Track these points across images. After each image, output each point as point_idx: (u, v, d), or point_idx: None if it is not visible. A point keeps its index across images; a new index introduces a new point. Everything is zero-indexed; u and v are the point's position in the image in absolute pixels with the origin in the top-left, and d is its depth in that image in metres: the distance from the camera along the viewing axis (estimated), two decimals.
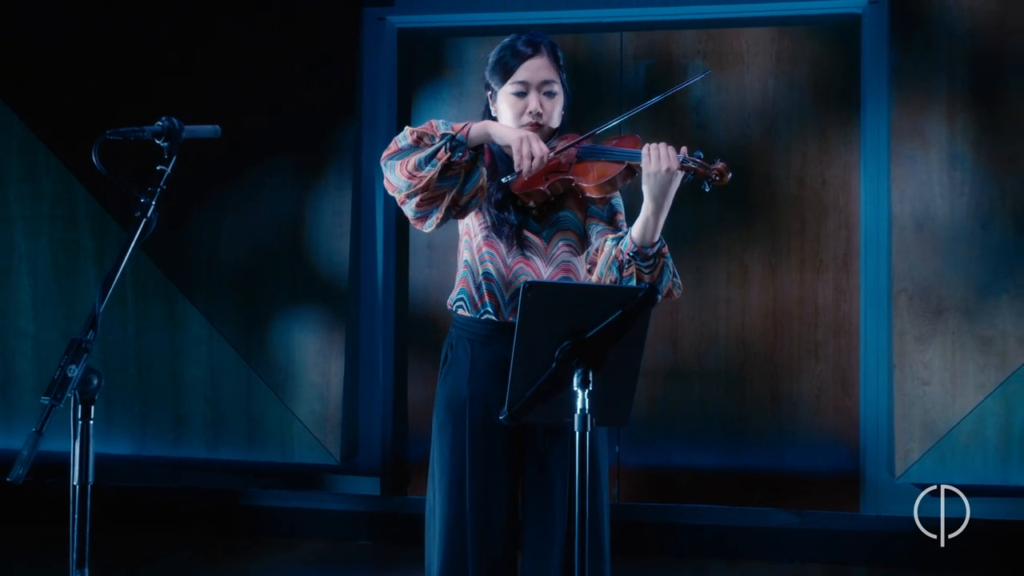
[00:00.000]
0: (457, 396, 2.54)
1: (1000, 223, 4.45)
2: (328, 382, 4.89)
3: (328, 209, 4.93)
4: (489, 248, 2.55)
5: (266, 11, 5.00)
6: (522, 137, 2.43)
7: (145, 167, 1.88)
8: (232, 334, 4.96)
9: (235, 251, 4.98)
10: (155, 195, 1.81)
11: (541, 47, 2.56)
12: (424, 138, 2.45)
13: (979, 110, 4.50)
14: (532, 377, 1.83)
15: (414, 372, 5.04)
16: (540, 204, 2.53)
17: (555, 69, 2.57)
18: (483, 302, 2.54)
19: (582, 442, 1.78)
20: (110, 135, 1.85)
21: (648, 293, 1.78)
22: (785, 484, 4.78)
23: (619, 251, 2.36)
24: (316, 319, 4.91)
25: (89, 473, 1.70)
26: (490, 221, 2.55)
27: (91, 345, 1.68)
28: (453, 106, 5.02)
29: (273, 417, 4.94)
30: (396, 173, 2.48)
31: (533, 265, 2.53)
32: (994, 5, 4.50)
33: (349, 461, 4.94)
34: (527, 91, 2.53)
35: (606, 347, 1.77)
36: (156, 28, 5.04)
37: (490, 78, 2.60)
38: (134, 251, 1.81)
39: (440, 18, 5.04)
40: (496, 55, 2.60)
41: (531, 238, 2.54)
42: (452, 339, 2.61)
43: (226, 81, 4.92)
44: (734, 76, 4.85)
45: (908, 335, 4.49)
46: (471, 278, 2.57)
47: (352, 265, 4.92)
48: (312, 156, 4.94)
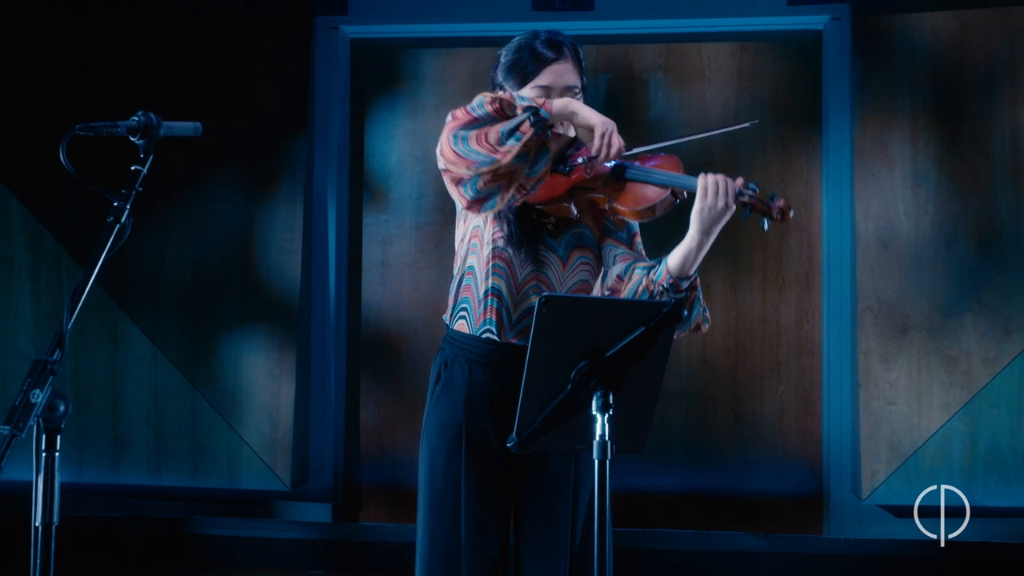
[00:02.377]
0: (452, 420, 2.36)
1: (963, 241, 4.43)
2: (278, 404, 4.69)
3: (279, 224, 4.74)
4: (501, 261, 2.34)
5: (215, 19, 4.81)
6: (606, 121, 2.24)
7: (113, 166, 1.70)
8: (177, 355, 4.73)
9: (181, 267, 4.76)
10: (130, 198, 1.63)
11: (564, 49, 2.38)
12: (506, 108, 2.21)
13: (941, 128, 4.48)
14: (545, 400, 1.68)
15: (367, 394, 4.87)
16: (559, 220, 2.35)
17: (578, 73, 2.40)
18: (485, 318, 2.34)
19: (601, 472, 1.64)
20: (80, 130, 1.67)
21: (673, 309, 1.65)
22: (748, 506, 4.69)
23: (650, 281, 2.19)
24: (266, 339, 4.71)
25: (54, 512, 1.52)
26: (507, 231, 2.34)
27: (58, 367, 1.51)
28: (408, 119, 4.88)
29: (220, 441, 4.72)
30: (472, 145, 2.20)
31: (547, 283, 2.35)
32: (954, 23, 4.49)
33: (300, 487, 4.74)
34: (549, 95, 2.33)
35: (627, 367, 1.63)
36: (100, 37, 4.82)
37: (503, 79, 2.40)
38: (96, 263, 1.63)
39: (395, 28, 4.90)
40: (512, 55, 2.40)
41: (547, 255, 2.36)
42: (447, 356, 2.42)
43: (173, 90, 4.71)
44: (695, 92, 4.78)
45: (873, 354, 4.44)
46: (476, 288, 2.37)
47: (304, 283, 4.74)
48: (262, 169, 4.76)
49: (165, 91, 4.70)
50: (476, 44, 4.84)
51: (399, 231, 4.86)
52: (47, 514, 1.51)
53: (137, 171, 1.65)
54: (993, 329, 4.37)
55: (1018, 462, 4.34)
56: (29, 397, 1.49)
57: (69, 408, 1.52)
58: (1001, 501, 4.36)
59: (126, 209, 1.62)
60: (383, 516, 4.84)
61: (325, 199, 4.81)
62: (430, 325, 4.79)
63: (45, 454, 1.53)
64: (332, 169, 4.83)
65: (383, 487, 4.85)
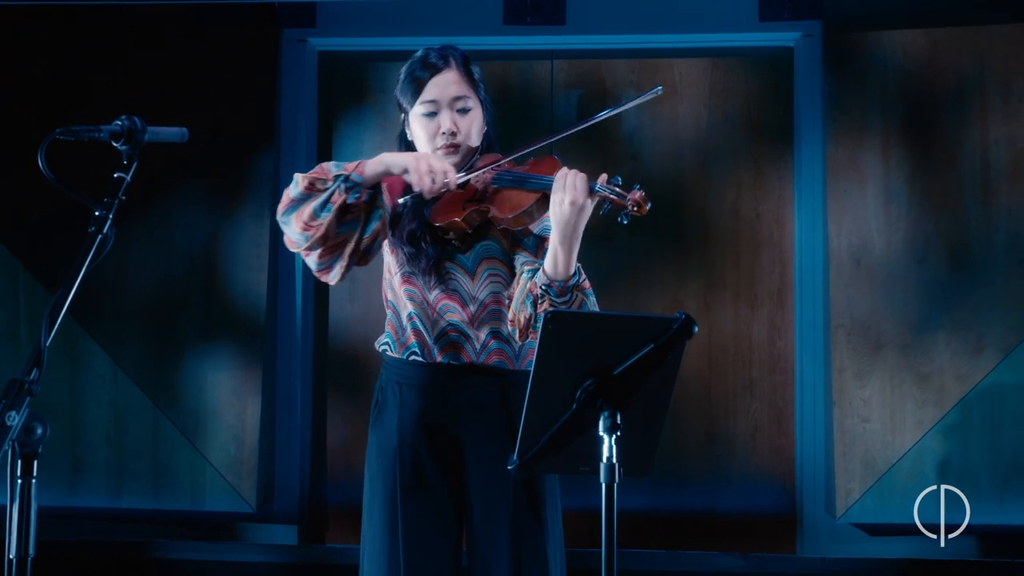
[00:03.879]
0: (387, 444, 2.35)
1: (935, 258, 4.43)
2: (243, 424, 4.57)
3: (245, 239, 4.63)
4: (409, 285, 2.36)
5: (181, 30, 4.71)
6: (418, 156, 2.24)
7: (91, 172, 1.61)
8: (139, 373, 4.60)
9: (143, 283, 4.63)
10: (112, 207, 1.54)
11: (450, 59, 2.36)
12: (316, 183, 2.22)
13: (913, 145, 4.48)
14: (548, 421, 1.61)
15: (334, 412, 4.77)
16: (459, 235, 2.33)
17: (468, 83, 2.36)
18: (408, 343, 2.36)
19: (609, 497, 1.58)
20: (60, 135, 1.58)
21: (684, 324, 1.59)
22: (721, 526, 4.65)
23: (534, 284, 2.17)
24: (231, 356, 4.60)
25: (30, 543, 1.42)
26: (404, 257, 2.35)
27: (36, 387, 1.41)
28: (377, 132, 4.80)
29: (183, 462, 4.59)
30: (292, 227, 2.24)
31: (458, 299, 2.34)
32: (925, 41, 4.51)
33: (265, 508, 4.62)
34: (438, 110, 2.32)
35: (635, 386, 1.57)
36: (63, 49, 4.69)
37: (401, 98, 2.40)
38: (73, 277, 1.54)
39: (363, 41, 4.83)
40: (403, 73, 2.39)
41: (453, 270, 2.35)
42: (382, 381, 2.43)
43: (137, 102, 4.59)
44: (667, 107, 4.75)
45: (847, 371, 4.42)
46: (395, 319, 2.40)
47: (270, 299, 4.63)
48: (228, 183, 4.65)
49: (129, 103, 4.56)
50: None
51: None
52: (22, 546, 1.41)
53: (120, 178, 1.56)
54: (965, 346, 4.37)
55: (991, 479, 4.33)
56: (4, 419, 1.39)
57: (47, 431, 1.43)
58: (974, 519, 4.35)
59: (108, 219, 1.53)
60: (350, 538, 4.73)
61: None
62: None
63: (21, 481, 1.42)
64: None
65: (350, 508, 4.74)
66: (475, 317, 2.34)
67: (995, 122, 4.44)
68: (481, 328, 2.34)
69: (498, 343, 2.33)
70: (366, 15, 4.76)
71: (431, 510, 2.30)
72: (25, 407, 1.42)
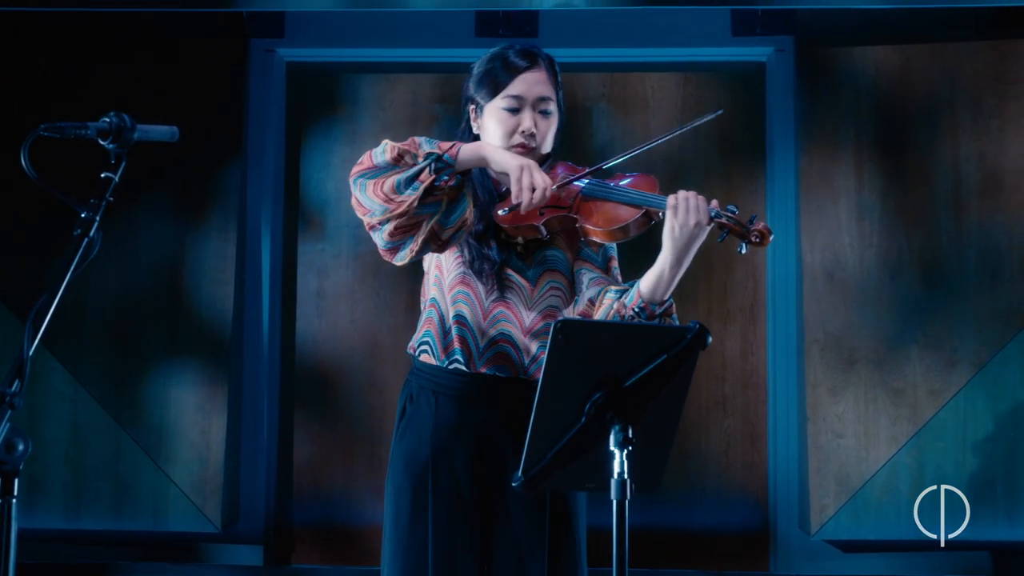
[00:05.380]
0: (418, 456, 2.22)
1: (908, 274, 4.43)
2: (208, 441, 4.46)
3: (210, 253, 4.53)
4: (464, 287, 2.23)
5: (148, 39, 4.61)
6: (523, 165, 2.14)
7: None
8: (100, 390, 4.46)
9: (105, 297, 4.50)
10: (99, 209, 1.45)
11: (538, 59, 2.30)
12: (406, 156, 2.14)
13: (885, 160, 4.49)
14: (555, 435, 1.55)
15: (301, 429, 4.66)
16: (528, 241, 2.24)
17: (553, 85, 2.30)
18: (452, 349, 2.23)
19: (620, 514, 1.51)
20: (45, 131, 1.49)
21: (698, 335, 1.53)
22: (694, 543, 4.60)
23: (622, 305, 2.10)
24: (196, 372, 4.48)
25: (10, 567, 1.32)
26: (468, 256, 2.24)
27: (18, 399, 1.33)
28: (346, 145, 4.72)
29: (145, 481, 4.46)
30: (368, 194, 2.15)
31: (514, 309, 2.23)
32: (896, 58, 4.52)
33: (230, 528, 4.51)
34: (521, 108, 2.24)
35: (646, 399, 1.51)
36: (26, 58, 4.57)
37: (475, 91, 2.30)
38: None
39: (333, 52, 4.76)
40: (483, 66, 2.32)
41: (514, 278, 2.24)
42: (412, 389, 2.28)
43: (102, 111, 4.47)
44: (639, 121, 4.72)
45: (821, 387, 4.40)
46: (439, 320, 2.26)
47: (236, 314, 4.53)
48: (194, 195, 4.55)
49: (94, 112, 4.45)
50: (417, 70, 4.73)
51: (335, 261, 4.68)
52: (2, 569, 1.32)
53: (108, 179, 1.48)
54: (938, 361, 4.37)
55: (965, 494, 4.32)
56: None
57: (29, 447, 1.34)
58: (947, 534, 4.34)
59: (95, 221, 1.45)
60: (316, 558, 4.63)
61: (259, 227, 4.63)
62: (367, 358, 4.63)
63: (1, 500, 1.33)
64: (267, 196, 4.65)
65: (317, 527, 4.64)
66: (529, 329, 2.24)
67: (965, 138, 4.46)
68: (533, 341, 2.24)
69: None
70: (336, 26, 4.69)
71: (462, 522, 2.19)
72: (6, 421, 1.33)
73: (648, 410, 1.55)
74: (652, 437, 1.57)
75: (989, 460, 4.32)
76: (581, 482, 1.57)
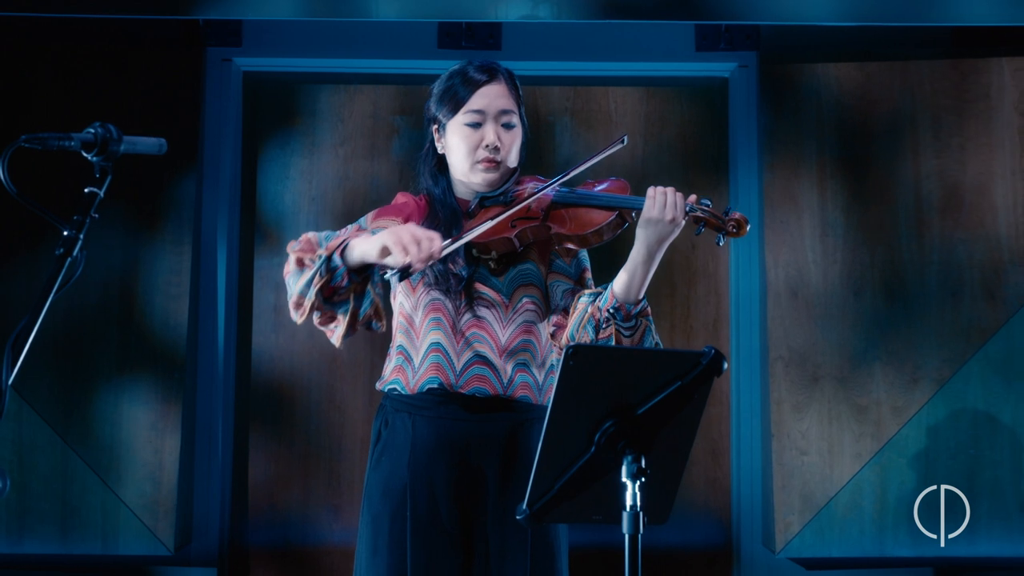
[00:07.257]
0: (395, 483, 2.15)
1: (871, 290, 4.44)
2: (161, 461, 4.31)
3: (164, 267, 4.39)
4: (435, 313, 2.19)
5: (99, 46, 4.47)
6: (391, 231, 2.07)
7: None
8: (46, 408, 4.29)
9: (52, 312, 4.29)
10: (83, 226, 1.36)
11: (498, 72, 2.30)
12: (304, 259, 2.14)
13: (848, 176, 4.50)
14: (563, 465, 1.47)
15: (256, 448, 4.54)
16: (501, 255, 2.19)
17: (514, 99, 2.29)
18: (424, 379, 2.18)
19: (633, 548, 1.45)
20: (26, 142, 1.39)
21: (714, 360, 1.48)
22: (655, 561, 4.55)
23: (596, 308, 2.06)
24: (148, 390, 4.34)
25: None
26: (432, 276, 2.18)
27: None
28: (304, 157, 4.63)
29: (94, 503, 4.30)
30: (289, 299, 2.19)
31: (488, 329, 2.18)
32: (858, 75, 4.54)
33: (183, 550, 4.37)
34: (483, 122, 2.23)
35: (659, 427, 1.45)
36: None
37: (436, 110, 2.28)
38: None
39: (291, 63, 4.65)
40: (443, 84, 2.31)
41: (487, 294, 2.19)
42: (387, 414, 2.21)
43: (53, 119, 4.33)
44: (602, 135, 4.69)
45: (785, 404, 4.39)
46: (406, 362, 2.21)
47: (190, 329, 4.40)
48: (147, 206, 4.41)
49: (45, 122, 4.31)
50: (377, 81, 4.65)
51: None
52: None
53: (93, 194, 1.39)
54: (901, 378, 4.37)
55: (926, 512, 4.32)
56: None
57: (7, 484, 1.24)
58: (909, 551, 4.34)
59: (79, 240, 1.35)
60: None
61: (214, 240, 4.51)
62: (325, 374, 4.53)
63: None
64: (222, 208, 4.53)
65: (273, 549, 4.52)
66: (505, 349, 2.19)
67: (926, 156, 4.48)
68: (508, 362, 2.19)
69: (523, 376, 2.19)
70: (295, 36, 4.60)
71: (443, 551, 2.13)
72: None
73: (660, 438, 1.49)
74: (664, 467, 1.51)
75: (952, 476, 4.33)
76: (588, 514, 1.50)
